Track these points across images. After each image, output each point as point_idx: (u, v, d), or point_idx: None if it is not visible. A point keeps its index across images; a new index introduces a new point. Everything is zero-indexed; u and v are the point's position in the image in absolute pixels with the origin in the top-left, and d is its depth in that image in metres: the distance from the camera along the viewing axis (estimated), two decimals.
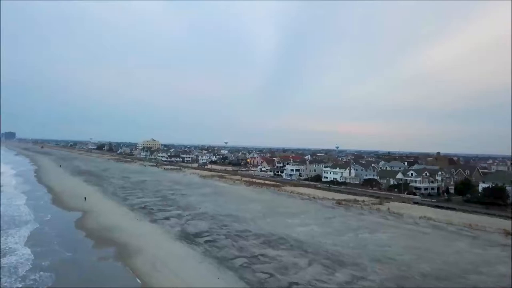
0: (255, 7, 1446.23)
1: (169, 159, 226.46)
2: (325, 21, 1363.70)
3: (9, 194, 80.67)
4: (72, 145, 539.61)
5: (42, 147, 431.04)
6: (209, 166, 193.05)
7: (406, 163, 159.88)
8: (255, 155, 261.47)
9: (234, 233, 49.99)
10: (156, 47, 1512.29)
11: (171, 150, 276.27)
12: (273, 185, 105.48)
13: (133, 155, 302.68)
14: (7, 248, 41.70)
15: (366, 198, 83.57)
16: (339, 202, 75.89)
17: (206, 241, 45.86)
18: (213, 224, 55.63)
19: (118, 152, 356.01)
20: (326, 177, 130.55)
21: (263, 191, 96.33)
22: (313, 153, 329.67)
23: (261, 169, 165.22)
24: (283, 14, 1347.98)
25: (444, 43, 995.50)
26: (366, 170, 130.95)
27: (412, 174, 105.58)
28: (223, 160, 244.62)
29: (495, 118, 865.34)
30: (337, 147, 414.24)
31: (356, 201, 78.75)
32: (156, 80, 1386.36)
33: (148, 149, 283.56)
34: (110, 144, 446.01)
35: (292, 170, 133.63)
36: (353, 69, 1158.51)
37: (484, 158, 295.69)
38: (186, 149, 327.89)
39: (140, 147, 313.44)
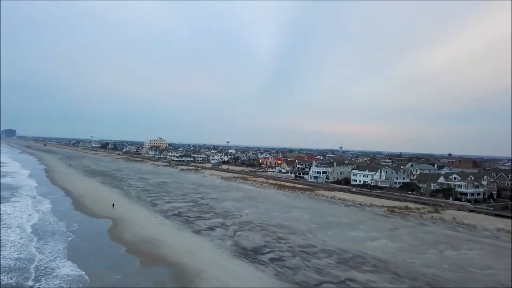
0: (255, 7, 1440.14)
1: (180, 159, 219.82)
2: (326, 22, 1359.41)
3: (32, 198, 74.22)
4: (75, 143, 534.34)
5: (45, 145, 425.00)
6: (223, 166, 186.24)
7: (435, 165, 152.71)
8: (266, 155, 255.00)
9: (298, 249, 43.19)
10: (155, 46, 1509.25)
11: (180, 149, 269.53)
12: (304, 189, 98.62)
13: (140, 154, 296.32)
14: (50, 265, 35.18)
15: (417, 205, 76.60)
16: (391, 210, 68.99)
17: (271, 259, 39.06)
18: (266, 236, 48.84)
19: (123, 151, 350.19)
20: (355, 180, 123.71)
21: (297, 195, 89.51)
22: (321, 153, 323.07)
23: (280, 170, 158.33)
24: (283, 14, 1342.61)
25: (444, 44, 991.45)
26: (397, 173, 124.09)
27: (455, 178, 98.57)
28: (235, 160, 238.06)
29: (495, 119, 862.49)
30: (340, 147, 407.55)
31: (408, 208, 71.89)
32: (157, 79, 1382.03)
33: (156, 148, 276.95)
34: (114, 143, 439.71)
35: (318, 172, 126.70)
36: (353, 69, 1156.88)
37: (490, 160, 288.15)
38: (196, 148, 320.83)
39: (147, 146, 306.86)
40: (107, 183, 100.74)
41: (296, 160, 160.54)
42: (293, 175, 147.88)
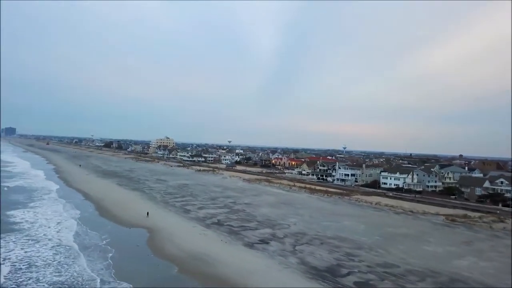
0: (255, 7, 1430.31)
1: (191, 159, 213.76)
2: (326, 22, 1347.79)
3: (54, 202, 68.16)
4: (77, 142, 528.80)
5: (47, 144, 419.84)
6: (237, 167, 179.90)
7: (466, 168, 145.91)
8: (278, 156, 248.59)
9: (379, 269, 36.85)
10: (155, 45, 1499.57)
11: (189, 149, 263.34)
12: (338, 193, 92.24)
13: (148, 153, 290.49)
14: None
15: (474, 213, 70.15)
16: (452, 219, 62.54)
17: (356, 284, 32.82)
18: (332, 252, 42.50)
19: (129, 150, 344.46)
20: (385, 183, 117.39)
21: (335, 201, 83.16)
22: (326, 153, 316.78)
23: (300, 172, 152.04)
24: (284, 14, 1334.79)
25: (445, 44, 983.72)
26: (429, 176, 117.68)
27: (502, 182, 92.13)
28: (247, 161, 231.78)
29: (495, 119, 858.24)
30: (344, 148, 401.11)
31: (467, 217, 65.50)
32: (156, 79, 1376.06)
33: (164, 147, 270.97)
34: (118, 142, 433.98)
35: (346, 174, 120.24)
36: (353, 69, 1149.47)
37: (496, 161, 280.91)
38: (204, 148, 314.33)
39: (154, 146, 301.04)
40: (124, 185, 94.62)
41: (318, 161, 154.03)
42: (315, 177, 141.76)
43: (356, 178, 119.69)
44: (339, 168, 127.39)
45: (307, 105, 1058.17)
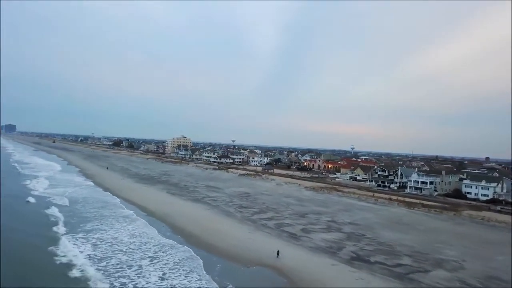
0: (255, 7, 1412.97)
1: (218, 160, 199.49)
2: (327, 22, 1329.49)
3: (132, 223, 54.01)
4: (83, 140, 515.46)
5: (54, 142, 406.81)
6: (274, 170, 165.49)
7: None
8: (308, 158, 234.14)
9: None
10: (156, 43, 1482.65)
11: (214, 150, 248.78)
12: (435, 207, 77.73)
13: (165, 153, 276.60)
14: None
15: None
16: None
17: None
18: None
19: (140, 149, 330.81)
20: (469, 193, 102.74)
21: (450, 219, 68.62)
22: (336, 154, 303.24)
23: (354, 177, 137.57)
24: (284, 14, 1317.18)
25: (445, 45, 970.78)
26: None
27: None
28: (276, 163, 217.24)
29: (495, 121, 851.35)
30: (352, 148, 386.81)
31: None
32: (156, 78, 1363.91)
33: (184, 147, 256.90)
34: (128, 141, 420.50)
35: (424, 182, 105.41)
36: (354, 69, 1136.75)
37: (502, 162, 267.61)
38: (233, 148, 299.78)
39: (170, 145, 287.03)
40: (178, 195, 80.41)
41: (375, 166, 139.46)
42: (373, 183, 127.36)
43: (435, 187, 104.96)
44: (413, 174, 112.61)
45: (308, 105, 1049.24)
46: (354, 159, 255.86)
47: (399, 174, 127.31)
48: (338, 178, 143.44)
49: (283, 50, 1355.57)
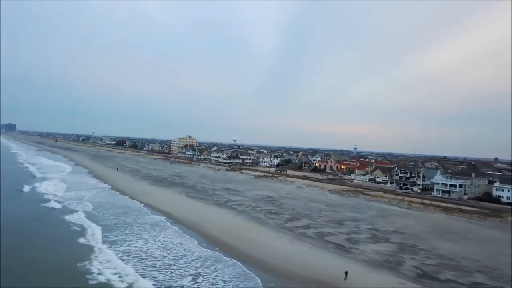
0: (255, 6, 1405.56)
1: (228, 161, 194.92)
2: (327, 22, 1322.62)
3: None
4: (84, 139, 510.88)
5: (56, 141, 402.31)
6: (289, 172, 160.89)
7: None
8: (318, 158, 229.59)
9: None
10: (155, 43, 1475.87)
11: (221, 150, 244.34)
12: (475, 212, 73.17)
13: (171, 153, 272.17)
14: None
15: None
16: None
17: None
18: None
19: (145, 149, 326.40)
20: (501, 196, 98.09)
21: (498, 225, 64.14)
22: (340, 153, 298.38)
23: (373, 179, 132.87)
24: (284, 13, 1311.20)
25: (445, 45, 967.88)
26: None
27: None
28: (286, 163, 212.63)
29: (495, 121, 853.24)
30: (355, 148, 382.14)
31: None
32: (157, 77, 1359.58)
33: (190, 147, 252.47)
34: (131, 140, 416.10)
35: (452, 185, 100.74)
36: (354, 69, 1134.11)
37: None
38: (237, 148, 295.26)
39: (176, 145, 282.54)
40: (198, 198, 75.94)
41: (395, 167, 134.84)
42: (394, 185, 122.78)
43: (465, 190, 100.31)
44: (437, 175, 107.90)
45: (308, 105, 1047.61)
46: (362, 159, 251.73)
47: (421, 176, 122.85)
48: (356, 180, 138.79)
49: (283, 50, 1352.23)
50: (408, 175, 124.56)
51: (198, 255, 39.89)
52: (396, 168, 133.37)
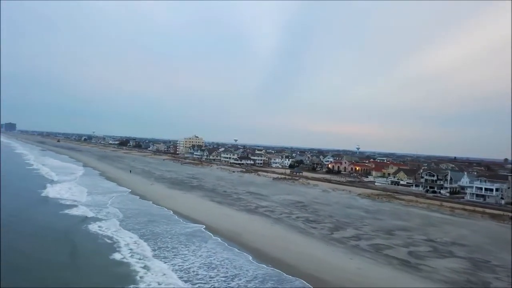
0: (254, 5, 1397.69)
1: (239, 161, 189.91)
2: (326, 22, 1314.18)
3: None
4: (86, 139, 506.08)
5: (58, 141, 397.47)
6: (304, 173, 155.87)
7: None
8: (332, 159, 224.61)
9: None
10: (155, 43, 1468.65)
11: (229, 150, 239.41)
12: None
13: (177, 153, 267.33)
14: None
15: None
16: None
17: None
18: None
19: (149, 149, 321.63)
20: None
21: None
22: (340, 153, 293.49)
23: (397, 181, 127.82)
24: (284, 13, 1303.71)
25: (445, 45, 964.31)
26: None
27: None
28: (298, 164, 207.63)
29: (495, 121, 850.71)
30: (357, 148, 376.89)
31: None
32: (157, 76, 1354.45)
33: (199, 147, 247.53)
34: (135, 140, 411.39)
35: (488, 189, 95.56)
36: (354, 69, 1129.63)
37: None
38: (243, 148, 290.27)
39: (183, 145, 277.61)
40: (225, 203, 70.91)
41: (422, 169, 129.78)
42: (420, 188, 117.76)
43: (501, 195, 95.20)
44: (464, 177, 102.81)
45: (308, 104, 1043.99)
46: (371, 160, 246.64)
47: (448, 178, 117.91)
48: (376, 182, 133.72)
49: (283, 49, 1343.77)
50: (435, 178, 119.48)
51: (254, 274, 34.85)
52: (421, 170, 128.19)
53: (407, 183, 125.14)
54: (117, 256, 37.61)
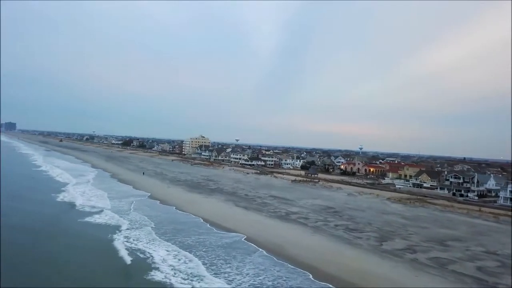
0: (254, 5, 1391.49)
1: (250, 162, 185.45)
2: (326, 21, 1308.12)
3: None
4: (88, 138, 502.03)
5: (61, 141, 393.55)
6: (319, 175, 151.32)
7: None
8: (342, 161, 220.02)
9: None
10: (155, 42, 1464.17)
11: (237, 150, 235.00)
12: None
13: (184, 154, 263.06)
14: None
15: None
16: None
17: None
18: None
19: (154, 149, 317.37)
20: None
21: None
22: (344, 153, 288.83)
23: (419, 184, 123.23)
24: (284, 13, 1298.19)
25: (445, 45, 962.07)
26: None
27: None
28: (309, 165, 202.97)
29: (495, 121, 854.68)
30: (360, 148, 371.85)
31: None
32: (157, 76, 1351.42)
33: (206, 148, 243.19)
34: (138, 140, 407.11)
35: None
36: (354, 69, 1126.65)
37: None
38: (248, 148, 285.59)
39: (189, 145, 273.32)
40: (251, 209, 66.44)
41: (446, 171, 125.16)
42: (445, 191, 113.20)
43: None
44: (490, 179, 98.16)
45: (308, 104, 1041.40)
46: (381, 160, 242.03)
47: (475, 181, 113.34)
48: (398, 185, 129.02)
49: (283, 49, 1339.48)
50: (461, 181, 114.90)
51: None
52: (446, 172, 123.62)
53: (431, 185, 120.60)
54: (158, 275, 33.08)
